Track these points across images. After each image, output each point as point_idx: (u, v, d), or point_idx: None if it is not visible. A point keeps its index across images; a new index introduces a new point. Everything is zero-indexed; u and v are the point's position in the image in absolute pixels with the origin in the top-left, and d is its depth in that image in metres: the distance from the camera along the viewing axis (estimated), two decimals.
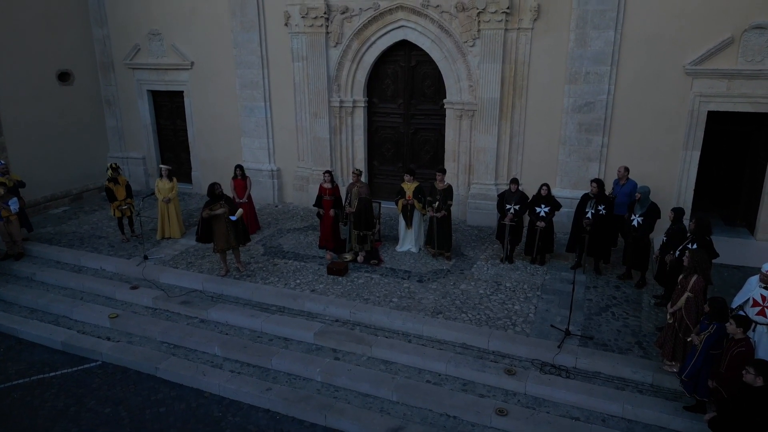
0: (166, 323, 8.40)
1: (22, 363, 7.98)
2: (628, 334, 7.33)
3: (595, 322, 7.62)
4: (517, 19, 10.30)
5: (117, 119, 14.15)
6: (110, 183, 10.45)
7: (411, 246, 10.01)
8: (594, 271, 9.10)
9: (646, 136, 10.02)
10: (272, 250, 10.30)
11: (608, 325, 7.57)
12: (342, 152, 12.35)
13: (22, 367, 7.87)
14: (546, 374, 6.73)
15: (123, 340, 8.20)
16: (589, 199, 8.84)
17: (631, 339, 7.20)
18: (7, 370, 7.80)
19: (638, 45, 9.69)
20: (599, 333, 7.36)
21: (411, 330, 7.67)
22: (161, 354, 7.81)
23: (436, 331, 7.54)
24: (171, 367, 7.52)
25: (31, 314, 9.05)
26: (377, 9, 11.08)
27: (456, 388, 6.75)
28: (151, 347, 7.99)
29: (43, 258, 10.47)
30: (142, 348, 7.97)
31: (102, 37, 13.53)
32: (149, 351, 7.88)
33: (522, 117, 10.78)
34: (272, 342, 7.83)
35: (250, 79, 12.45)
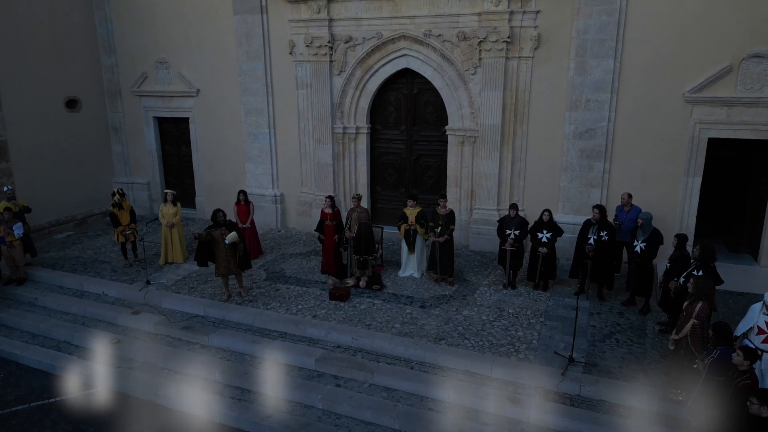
0: (167, 349, 8.36)
1: (22, 389, 7.92)
2: (633, 361, 7.25)
3: (599, 349, 7.55)
4: (517, 48, 10.48)
5: (123, 145, 14.33)
6: (114, 208, 10.53)
7: (413, 271, 10.00)
8: (597, 297, 9.06)
9: (647, 162, 10.08)
10: (274, 275, 10.30)
11: (612, 352, 7.50)
12: (345, 178, 12.45)
13: (22, 393, 7.82)
14: (550, 402, 6.64)
15: (124, 366, 8.14)
16: (591, 225, 8.85)
17: (635, 366, 7.11)
18: (6, 397, 7.74)
19: (638, 73, 9.83)
20: (603, 360, 7.29)
21: (413, 356, 7.61)
22: (162, 380, 7.75)
23: (438, 358, 7.48)
24: (171, 394, 7.45)
25: (32, 339, 9.03)
26: (380, 38, 11.31)
27: (459, 417, 6.66)
28: (151, 373, 7.93)
29: (45, 283, 10.49)
30: (142, 374, 7.92)
31: (110, 65, 13.80)
32: (150, 377, 7.83)
33: (523, 143, 10.88)
34: (273, 368, 7.76)
35: (254, 106, 12.64)
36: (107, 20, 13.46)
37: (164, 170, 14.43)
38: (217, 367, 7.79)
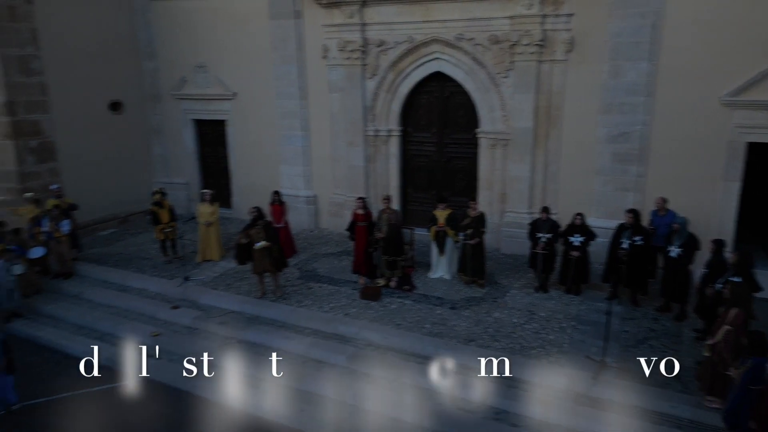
0: (204, 342, 8.66)
1: (70, 377, 8.30)
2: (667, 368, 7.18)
3: (632, 355, 7.50)
4: (550, 51, 10.47)
5: (163, 147, 14.83)
6: (155, 207, 10.95)
7: (444, 273, 10.09)
8: (631, 302, 8.97)
9: (684, 166, 9.92)
10: (307, 273, 10.53)
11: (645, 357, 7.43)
12: (376, 180, 12.62)
13: (68, 382, 8.19)
14: (581, 406, 6.64)
15: (164, 358, 8.47)
16: (625, 229, 8.79)
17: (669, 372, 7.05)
18: (54, 384, 8.14)
19: (674, 76, 9.70)
20: (636, 366, 7.24)
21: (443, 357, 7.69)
22: (199, 372, 8.03)
23: (468, 359, 7.55)
24: (208, 385, 7.73)
25: (78, 331, 9.46)
26: (412, 42, 11.44)
27: (488, 417, 6.73)
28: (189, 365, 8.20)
29: (90, 277, 10.96)
30: (181, 366, 8.21)
31: (151, 69, 14.30)
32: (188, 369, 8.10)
33: (556, 146, 10.85)
34: (305, 364, 7.97)
35: (289, 109, 12.92)
36: (149, 26, 13.97)
37: (202, 171, 14.87)
38: (253, 361, 8.03)
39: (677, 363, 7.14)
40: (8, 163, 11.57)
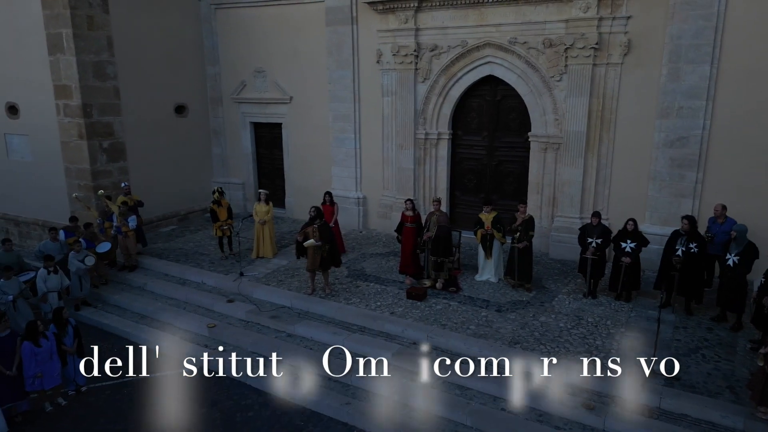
0: (256, 335, 9.06)
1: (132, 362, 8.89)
2: (719, 377, 6.97)
3: (683, 363, 7.30)
4: (606, 54, 10.33)
5: (222, 148, 15.53)
6: (214, 205, 11.51)
7: (490, 276, 10.11)
8: (685, 311, 8.71)
9: (745, 172, 9.56)
10: (355, 272, 10.79)
11: (698, 367, 7.24)
12: (425, 182, 12.77)
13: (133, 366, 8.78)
14: (627, 412, 6.55)
15: (218, 348, 8.90)
16: (679, 236, 8.57)
17: (721, 383, 6.85)
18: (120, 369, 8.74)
19: (736, 79, 9.39)
20: (687, 374, 7.06)
21: (487, 358, 7.75)
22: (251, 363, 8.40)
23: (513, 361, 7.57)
24: (260, 376, 8.08)
25: (141, 320, 10.08)
26: (465, 46, 11.54)
27: (531, 419, 6.75)
28: (242, 356, 8.62)
29: (153, 270, 11.63)
30: (234, 356, 8.61)
31: (213, 74, 15.02)
32: (241, 360, 8.51)
33: (609, 150, 10.68)
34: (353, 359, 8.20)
35: (342, 112, 13.28)
36: (213, 34, 14.69)
37: (258, 172, 15.46)
38: (302, 355, 8.34)
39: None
40: (82, 161, 12.44)
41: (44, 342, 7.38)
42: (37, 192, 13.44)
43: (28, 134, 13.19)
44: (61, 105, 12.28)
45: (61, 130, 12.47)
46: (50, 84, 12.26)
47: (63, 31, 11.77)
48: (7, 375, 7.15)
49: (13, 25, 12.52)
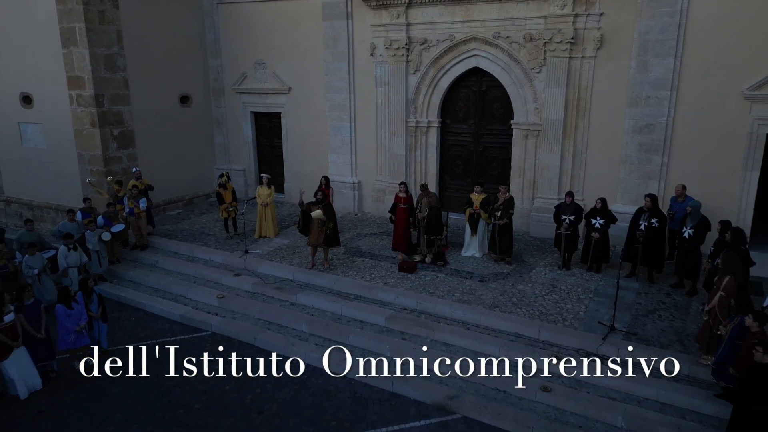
0: (262, 304, 9.98)
1: (149, 330, 9.80)
2: (672, 333, 7.98)
3: (641, 322, 8.31)
4: (581, 48, 11.25)
5: (224, 136, 16.36)
6: (220, 188, 12.38)
7: (475, 251, 11.07)
8: (648, 280, 9.72)
9: (705, 156, 10.54)
10: (352, 250, 11.72)
11: (653, 325, 8.24)
12: (416, 167, 13.69)
13: (149, 333, 9.69)
14: (589, 361, 7.53)
15: (228, 316, 9.84)
16: (643, 212, 9.55)
17: (673, 337, 7.85)
18: (139, 334, 9.65)
19: (698, 71, 10.33)
20: (644, 331, 8.06)
21: (470, 320, 8.72)
22: (258, 328, 9.35)
23: (492, 322, 8.55)
24: (267, 338, 9.03)
25: (154, 293, 10.97)
26: (453, 40, 12.42)
27: (506, 369, 7.71)
28: (250, 323, 9.56)
29: (163, 249, 12.50)
30: (243, 323, 9.56)
31: (216, 66, 15.82)
32: (249, 325, 9.46)
33: (585, 137, 11.62)
34: (350, 323, 9.16)
35: (338, 102, 14.15)
36: (215, 28, 15.48)
37: (258, 159, 16.32)
38: (304, 320, 9.28)
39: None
40: (95, 148, 13.26)
41: (75, 306, 8.27)
42: (50, 178, 14.26)
43: (41, 123, 13.98)
44: (74, 95, 13.08)
45: (74, 118, 13.27)
46: (63, 75, 13.05)
47: (76, 26, 12.55)
48: (37, 337, 8.04)
49: (27, 19, 13.26)
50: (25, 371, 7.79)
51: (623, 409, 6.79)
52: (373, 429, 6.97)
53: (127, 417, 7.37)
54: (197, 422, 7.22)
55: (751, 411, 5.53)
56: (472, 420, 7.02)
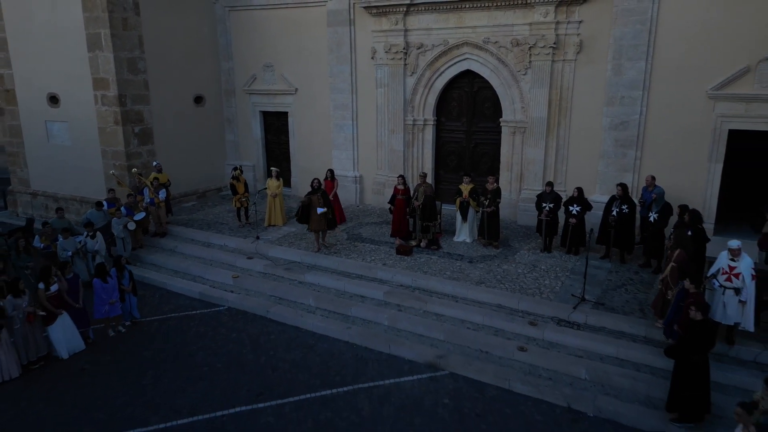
0: (273, 283, 11.10)
1: (172, 305, 10.93)
2: (635, 303, 9.07)
3: (609, 295, 9.40)
4: (562, 52, 12.35)
5: (234, 134, 17.50)
6: (234, 180, 13.51)
7: (465, 237, 12.16)
8: (620, 260, 10.80)
9: (674, 150, 11.61)
10: (354, 236, 12.83)
11: (620, 297, 9.33)
12: (413, 162, 14.80)
13: (172, 307, 10.82)
14: (561, 326, 8.64)
15: (242, 293, 10.96)
16: (615, 200, 10.63)
17: (635, 307, 8.94)
18: (163, 308, 10.78)
19: (667, 73, 11.41)
20: (611, 302, 9.15)
21: (458, 293, 9.82)
22: (270, 303, 10.48)
23: (477, 295, 9.65)
24: (278, 311, 10.15)
25: (175, 274, 12.10)
26: (446, 45, 13.55)
27: (489, 333, 8.82)
28: (263, 299, 10.68)
29: (181, 236, 13.63)
30: (256, 298, 10.69)
31: (227, 68, 16.98)
32: (262, 300, 10.58)
33: (566, 133, 12.72)
34: (352, 298, 10.27)
35: (341, 102, 15.28)
36: (227, 33, 16.63)
37: (266, 155, 17.46)
38: (311, 296, 10.39)
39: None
40: (118, 144, 14.41)
41: (110, 280, 9.41)
42: (75, 172, 15.40)
43: (67, 121, 15.13)
44: (99, 95, 14.24)
45: (98, 117, 14.43)
46: (89, 77, 14.21)
47: (101, 31, 13.71)
48: (76, 307, 9.17)
49: (55, 26, 14.42)
50: (69, 334, 8.93)
51: (587, 364, 7.88)
52: (372, 382, 8.08)
53: (158, 373, 8.49)
54: (220, 377, 8.34)
55: (687, 361, 6.60)
56: (458, 375, 8.13)
